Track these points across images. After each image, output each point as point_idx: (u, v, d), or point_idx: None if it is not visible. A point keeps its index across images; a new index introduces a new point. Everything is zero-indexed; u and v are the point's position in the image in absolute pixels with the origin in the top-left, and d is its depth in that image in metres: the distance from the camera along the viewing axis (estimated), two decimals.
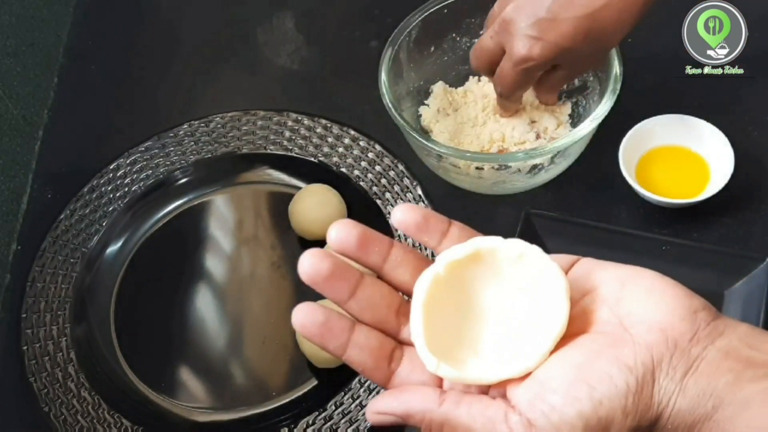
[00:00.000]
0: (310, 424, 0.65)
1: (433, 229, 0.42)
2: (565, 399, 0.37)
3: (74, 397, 0.68)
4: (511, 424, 0.38)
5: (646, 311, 0.39)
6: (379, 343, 0.41)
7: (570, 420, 0.37)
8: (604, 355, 0.38)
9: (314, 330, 0.40)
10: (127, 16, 0.98)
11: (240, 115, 0.81)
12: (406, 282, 0.42)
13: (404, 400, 0.40)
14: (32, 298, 0.73)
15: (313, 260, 0.40)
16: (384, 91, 0.71)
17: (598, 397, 0.37)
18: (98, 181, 0.79)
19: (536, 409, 0.37)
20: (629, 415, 0.37)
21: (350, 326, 0.40)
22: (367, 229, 0.41)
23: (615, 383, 0.37)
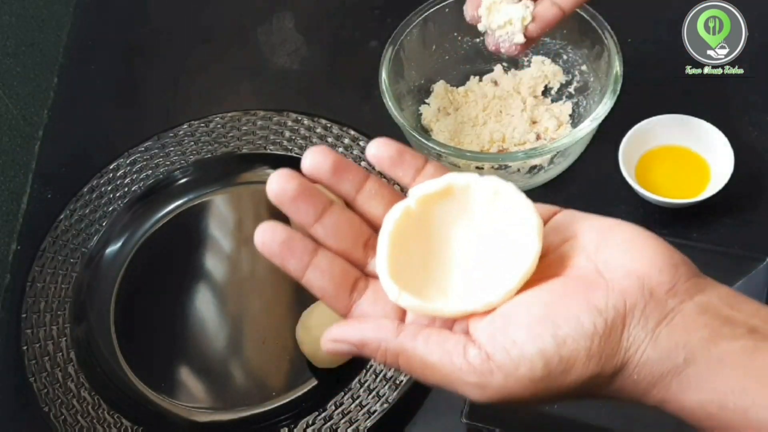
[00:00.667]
0: (310, 424, 0.65)
1: (407, 164, 0.41)
2: (528, 335, 0.36)
3: (74, 397, 0.68)
4: (469, 357, 0.36)
5: (625, 260, 0.37)
6: (342, 270, 0.40)
7: (530, 356, 0.35)
8: (574, 296, 0.37)
9: (275, 248, 0.39)
10: (127, 16, 0.98)
11: (240, 115, 0.81)
12: (378, 216, 0.41)
13: (360, 329, 0.39)
14: (32, 298, 0.73)
15: (280, 179, 0.39)
16: (384, 90, 0.71)
17: (562, 336, 0.35)
18: (98, 181, 0.79)
19: (497, 344, 0.36)
20: (593, 359, 0.36)
21: (313, 249, 0.39)
22: (343, 158, 0.41)
23: (582, 323, 0.36)
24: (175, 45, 0.94)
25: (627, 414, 0.63)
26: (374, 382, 0.65)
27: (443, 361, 0.37)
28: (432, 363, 0.37)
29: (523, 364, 0.35)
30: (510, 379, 0.36)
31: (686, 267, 0.38)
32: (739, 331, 0.35)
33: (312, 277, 0.39)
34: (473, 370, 0.36)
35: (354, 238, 0.40)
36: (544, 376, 0.35)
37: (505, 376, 0.36)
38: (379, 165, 0.41)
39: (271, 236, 0.39)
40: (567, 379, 0.36)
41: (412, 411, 0.66)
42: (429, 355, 0.37)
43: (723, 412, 0.35)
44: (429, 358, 0.37)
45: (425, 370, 0.37)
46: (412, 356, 0.37)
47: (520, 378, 0.36)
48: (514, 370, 0.36)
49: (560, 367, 0.35)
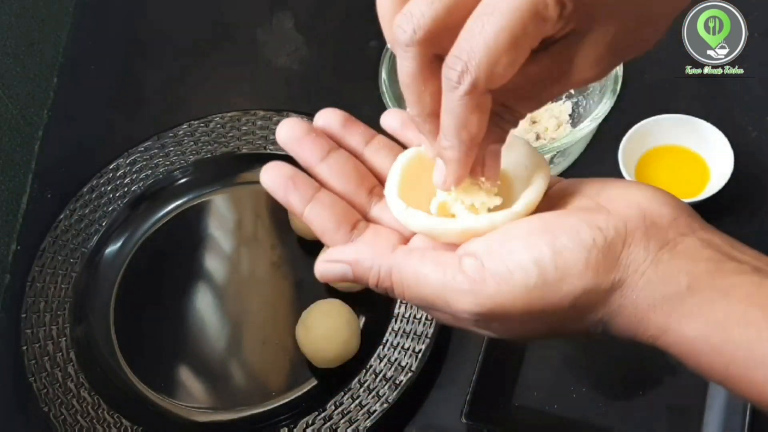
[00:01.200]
0: (309, 424, 0.65)
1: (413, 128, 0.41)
2: (524, 244, 0.36)
3: (74, 397, 0.68)
4: (464, 266, 0.36)
5: (626, 195, 0.37)
6: (343, 209, 0.40)
7: (525, 264, 0.35)
8: (575, 215, 0.36)
9: (279, 181, 0.39)
10: (127, 17, 0.98)
11: (240, 115, 0.81)
12: (386, 167, 0.41)
13: (356, 248, 0.39)
14: (32, 298, 0.73)
15: (289, 123, 0.41)
16: (384, 90, 0.71)
17: (559, 246, 0.35)
18: (98, 181, 0.79)
19: (492, 253, 0.36)
20: (589, 270, 0.35)
21: (317, 187, 0.40)
22: (353, 117, 0.42)
23: (581, 236, 0.35)
24: (175, 45, 0.94)
25: (627, 414, 0.63)
26: (374, 382, 0.65)
27: (436, 272, 0.36)
28: (425, 274, 0.37)
29: (518, 271, 0.35)
30: (503, 286, 0.35)
31: (688, 209, 0.37)
32: (745, 267, 0.35)
33: (313, 211, 0.39)
34: (466, 277, 0.36)
35: (358, 181, 0.41)
36: (539, 284, 0.35)
37: (498, 282, 0.35)
38: (391, 130, 0.42)
39: (277, 171, 0.40)
40: (562, 289, 0.35)
41: (412, 411, 0.66)
42: (422, 268, 0.37)
43: (726, 344, 0.34)
44: (422, 270, 0.37)
45: (418, 284, 0.37)
46: (404, 270, 0.37)
47: (514, 285, 0.35)
48: (509, 276, 0.35)
49: (555, 274, 0.35)
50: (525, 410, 0.64)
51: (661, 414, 0.63)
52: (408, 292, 0.37)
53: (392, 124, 0.42)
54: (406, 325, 0.67)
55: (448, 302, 0.36)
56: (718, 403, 0.62)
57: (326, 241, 0.40)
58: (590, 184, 0.39)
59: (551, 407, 0.64)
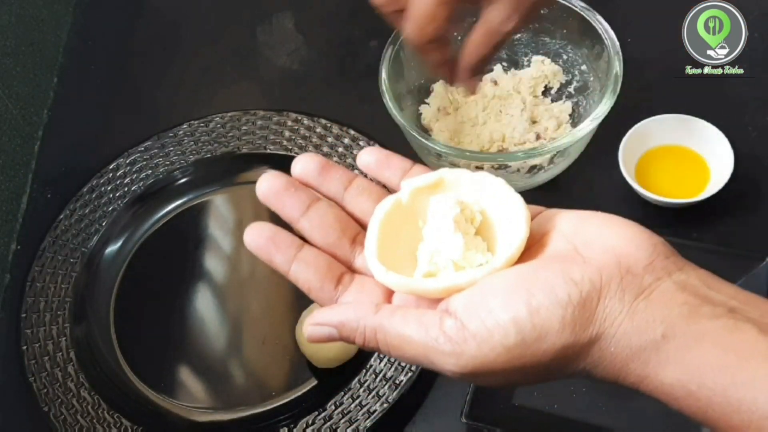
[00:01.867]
0: (309, 424, 0.65)
1: (395, 166, 0.43)
2: (502, 303, 0.36)
3: (74, 397, 0.68)
4: (445, 327, 0.37)
5: (602, 239, 0.38)
6: (327, 264, 0.41)
7: (503, 324, 0.36)
8: (550, 268, 0.37)
9: (261, 243, 0.40)
10: (127, 17, 0.98)
11: (240, 115, 0.81)
12: (367, 212, 0.42)
13: (340, 311, 0.39)
14: (32, 298, 0.73)
15: (268, 177, 0.41)
16: (384, 90, 0.71)
17: (536, 305, 0.36)
18: (98, 181, 0.79)
19: (472, 313, 0.37)
20: (566, 327, 0.36)
21: (299, 244, 0.41)
22: (330, 160, 0.43)
23: (556, 293, 0.36)
24: (175, 45, 0.94)
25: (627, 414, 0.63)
26: (374, 382, 0.65)
27: (419, 333, 0.37)
28: (408, 335, 0.37)
29: (497, 331, 0.36)
30: (484, 347, 0.36)
31: (664, 247, 0.38)
32: (719, 311, 0.35)
33: (298, 270, 0.40)
34: (448, 339, 0.37)
35: (340, 232, 0.42)
36: (518, 343, 0.36)
37: (479, 343, 0.36)
38: (368, 169, 0.43)
39: (258, 232, 0.41)
40: (541, 347, 0.36)
41: (412, 411, 0.66)
42: (405, 329, 0.38)
43: (702, 390, 0.35)
44: (405, 331, 0.38)
45: (402, 345, 0.38)
46: (389, 332, 0.38)
47: (494, 345, 0.36)
48: (488, 337, 0.36)
49: (533, 334, 0.36)
50: (525, 410, 0.64)
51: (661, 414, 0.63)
52: (394, 352, 0.38)
53: (368, 161, 0.43)
54: None
55: (432, 362, 0.37)
56: None
57: (313, 298, 0.41)
58: (569, 221, 0.40)
59: (551, 407, 0.64)
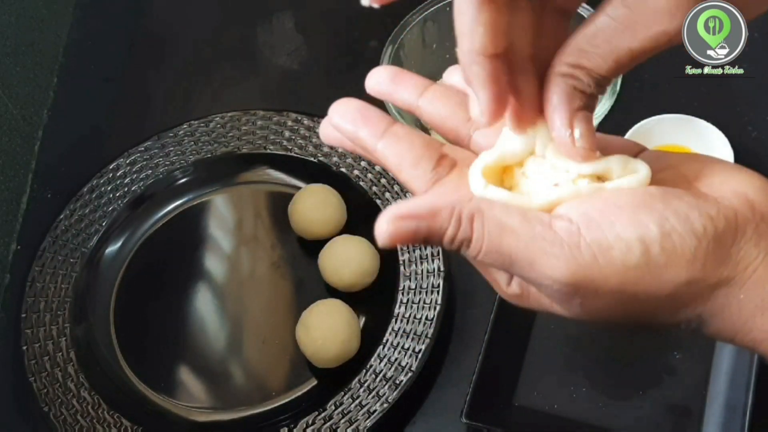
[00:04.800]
0: (309, 424, 0.65)
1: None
2: (629, 219, 0.32)
3: (74, 397, 0.68)
4: (557, 227, 0.32)
5: (731, 183, 0.34)
6: (424, 141, 0.35)
7: (628, 239, 0.31)
8: (684, 199, 0.33)
9: (348, 116, 0.35)
10: (127, 17, 0.98)
11: (240, 115, 0.81)
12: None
13: (432, 198, 0.33)
14: (32, 298, 0.73)
15: (375, 71, 0.38)
16: None
17: (669, 229, 0.31)
18: (98, 181, 0.79)
19: (591, 221, 0.32)
20: (698, 261, 0.32)
21: (390, 120, 0.35)
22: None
23: (692, 222, 0.32)
24: (174, 45, 0.94)
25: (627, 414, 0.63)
26: (374, 382, 0.65)
27: (523, 226, 0.32)
28: (511, 227, 0.32)
29: (619, 245, 0.31)
30: (600, 259, 0.31)
31: None
32: None
33: (388, 144, 0.35)
34: (559, 240, 0.32)
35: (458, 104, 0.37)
36: (641, 265, 0.31)
37: (595, 254, 0.31)
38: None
39: (347, 106, 0.36)
40: (665, 275, 0.32)
41: (412, 411, 0.66)
42: (508, 218, 0.32)
43: None
44: (508, 221, 0.32)
45: (502, 235, 0.32)
46: (488, 218, 0.32)
47: (612, 260, 0.31)
48: (608, 249, 0.31)
49: (660, 258, 0.31)
50: (525, 410, 0.64)
51: (661, 414, 0.63)
52: (487, 246, 0.32)
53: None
54: (406, 325, 0.67)
55: (533, 263, 0.32)
56: (718, 403, 0.62)
57: (402, 180, 0.35)
58: (687, 163, 0.36)
59: (551, 407, 0.64)
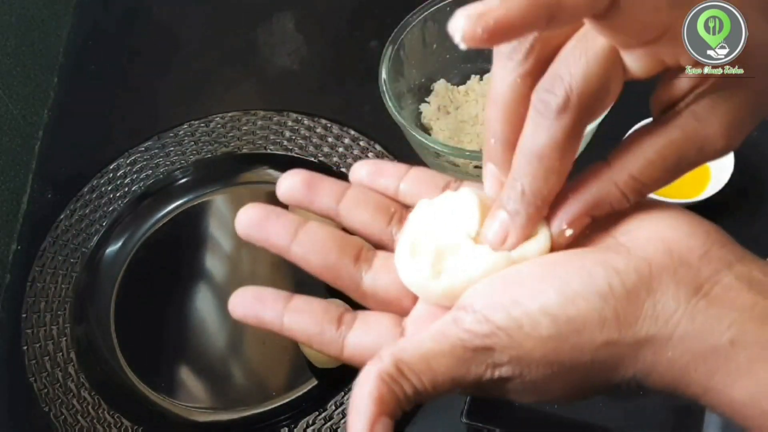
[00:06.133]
0: (310, 424, 0.65)
1: (387, 173, 0.38)
2: (530, 293, 0.31)
3: (74, 397, 0.68)
4: (464, 324, 0.31)
5: (646, 225, 0.32)
6: (322, 307, 0.35)
7: (533, 314, 0.31)
8: (587, 257, 0.32)
9: (247, 306, 0.35)
10: (127, 17, 0.98)
11: (240, 115, 0.81)
12: (364, 225, 0.37)
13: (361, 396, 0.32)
14: (32, 298, 0.73)
15: (245, 210, 0.37)
16: (384, 90, 0.71)
17: (570, 293, 0.31)
18: (98, 181, 0.79)
19: (494, 304, 0.31)
20: (608, 323, 0.30)
21: (287, 296, 0.36)
22: (316, 174, 0.37)
23: (594, 281, 0.31)
24: (175, 45, 0.94)
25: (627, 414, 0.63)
26: None
27: (438, 343, 0.31)
28: (428, 350, 0.31)
29: (525, 323, 0.31)
30: (516, 336, 0.31)
31: (718, 234, 0.33)
32: None
33: (291, 321, 0.35)
34: (473, 335, 0.31)
35: (339, 250, 0.36)
36: (553, 335, 0.31)
37: (509, 334, 0.31)
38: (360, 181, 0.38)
39: (242, 298, 0.36)
40: (579, 341, 0.31)
41: (412, 411, 0.66)
42: (422, 346, 0.32)
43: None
44: (422, 348, 0.32)
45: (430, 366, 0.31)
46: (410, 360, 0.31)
47: (525, 336, 0.31)
48: (517, 330, 0.31)
49: (569, 325, 0.31)
50: (525, 410, 0.64)
51: (661, 414, 0.63)
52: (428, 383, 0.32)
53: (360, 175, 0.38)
54: None
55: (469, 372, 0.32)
56: None
57: (316, 348, 0.36)
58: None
59: (551, 407, 0.64)
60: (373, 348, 0.34)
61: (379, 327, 0.35)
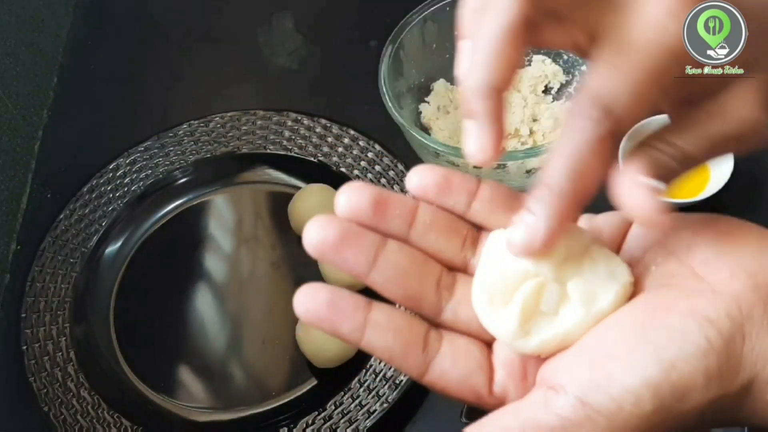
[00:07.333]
0: (309, 424, 0.65)
1: (457, 189, 0.34)
2: (625, 365, 0.29)
3: (74, 397, 0.68)
4: (557, 408, 0.29)
5: (727, 257, 0.31)
6: (407, 323, 0.32)
7: (634, 390, 0.28)
8: (674, 309, 0.30)
9: (320, 312, 0.32)
10: (127, 17, 0.98)
11: (240, 115, 0.81)
12: (439, 250, 0.34)
13: None
14: (32, 298, 0.73)
15: (318, 226, 0.32)
16: (384, 90, 0.71)
17: (669, 359, 0.28)
18: (98, 181, 0.79)
19: (590, 384, 0.29)
20: (713, 381, 0.29)
21: (365, 304, 0.32)
22: (383, 190, 0.34)
23: (691, 339, 0.29)
24: (175, 45, 0.94)
25: None
26: (374, 382, 0.65)
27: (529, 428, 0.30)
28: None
29: (627, 401, 0.29)
30: (616, 422, 0.29)
31: None
32: None
33: (373, 338, 0.32)
34: (568, 423, 0.29)
35: (421, 278, 0.33)
36: (656, 409, 0.29)
37: (608, 419, 0.29)
38: (425, 195, 0.34)
39: (314, 299, 0.32)
40: (684, 407, 0.29)
41: (412, 411, 0.66)
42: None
43: None
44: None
45: None
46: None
47: (627, 417, 0.29)
48: (618, 411, 0.29)
49: (673, 395, 0.29)
50: None
51: None
52: None
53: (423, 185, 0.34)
54: None
55: None
56: None
57: (397, 367, 0.33)
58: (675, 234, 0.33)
59: None
60: (457, 382, 0.33)
61: (469, 359, 0.33)
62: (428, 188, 0.34)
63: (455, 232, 0.35)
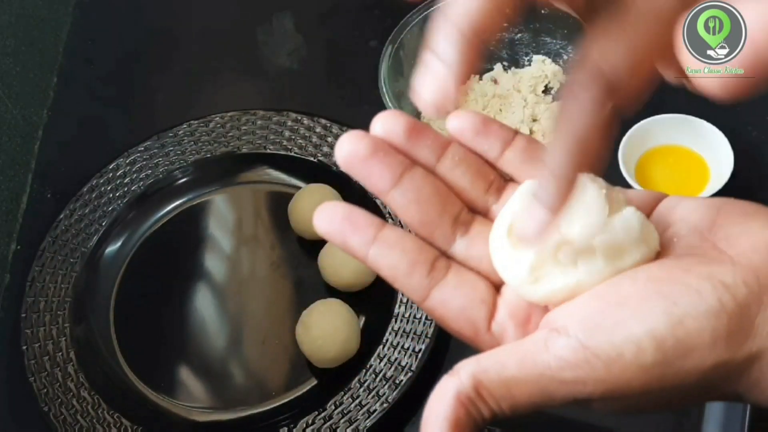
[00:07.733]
0: (309, 424, 0.65)
1: (494, 135, 0.34)
2: (633, 313, 0.29)
3: (74, 397, 0.68)
4: (556, 349, 0.29)
5: (749, 232, 0.31)
6: (416, 246, 0.32)
7: (637, 339, 0.28)
8: (691, 270, 0.30)
9: (334, 224, 0.32)
10: (127, 16, 0.98)
11: (239, 115, 0.81)
12: (464, 188, 0.34)
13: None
14: (32, 297, 0.73)
15: (351, 139, 0.33)
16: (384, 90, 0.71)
17: (679, 314, 0.28)
18: (98, 180, 0.79)
19: (593, 328, 0.29)
20: (719, 342, 0.28)
21: (379, 223, 0.32)
22: (419, 121, 0.34)
23: (704, 299, 0.28)
24: (174, 45, 0.94)
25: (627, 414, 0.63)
26: (374, 382, 0.65)
27: (524, 367, 0.30)
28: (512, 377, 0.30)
29: (629, 348, 0.28)
30: (614, 368, 0.29)
31: None
32: None
33: (379, 252, 0.32)
34: (564, 363, 0.29)
35: (441, 207, 0.33)
36: (658, 362, 0.28)
37: (607, 364, 0.29)
38: (462, 136, 0.34)
39: (332, 214, 0.33)
40: (686, 366, 0.29)
41: (412, 411, 0.66)
42: (504, 370, 0.30)
43: None
44: (505, 373, 0.30)
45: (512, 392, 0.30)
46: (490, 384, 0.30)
47: (626, 366, 0.29)
48: (617, 358, 0.29)
49: (677, 350, 0.28)
50: None
51: (661, 414, 0.63)
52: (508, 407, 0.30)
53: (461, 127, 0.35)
54: (406, 325, 0.67)
55: (552, 398, 0.30)
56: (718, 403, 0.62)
57: (398, 287, 0.33)
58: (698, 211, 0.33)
59: None
60: (457, 311, 0.32)
61: (473, 291, 0.33)
62: (466, 130, 0.34)
63: (482, 176, 0.34)
